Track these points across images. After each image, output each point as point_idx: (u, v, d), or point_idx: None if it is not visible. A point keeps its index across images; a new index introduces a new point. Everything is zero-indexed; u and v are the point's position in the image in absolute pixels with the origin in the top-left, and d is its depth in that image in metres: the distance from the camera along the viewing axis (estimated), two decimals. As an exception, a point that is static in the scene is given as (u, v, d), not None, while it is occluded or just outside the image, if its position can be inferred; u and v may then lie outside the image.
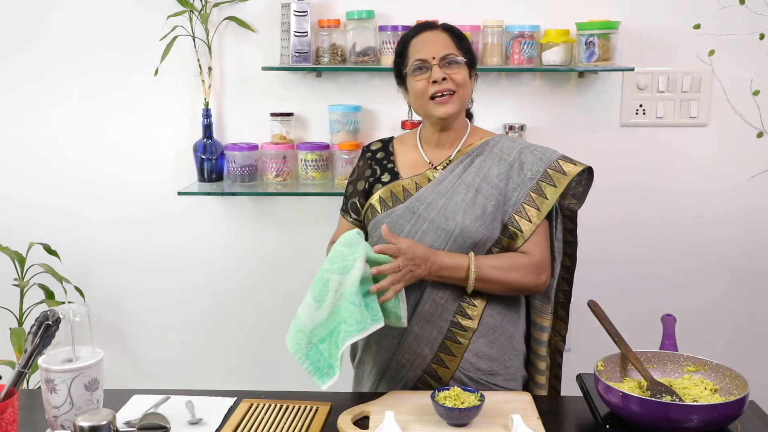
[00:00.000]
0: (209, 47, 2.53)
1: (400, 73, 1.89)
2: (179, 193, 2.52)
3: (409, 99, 1.90)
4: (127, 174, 2.67)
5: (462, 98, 1.83)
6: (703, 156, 2.59)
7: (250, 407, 1.64)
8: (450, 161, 1.88)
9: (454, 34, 1.86)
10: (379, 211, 1.86)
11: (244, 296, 2.73)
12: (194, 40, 2.52)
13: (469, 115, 2.00)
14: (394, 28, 2.43)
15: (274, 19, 2.50)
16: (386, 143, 1.99)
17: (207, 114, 2.55)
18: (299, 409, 1.63)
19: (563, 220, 1.91)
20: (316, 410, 1.62)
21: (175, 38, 2.48)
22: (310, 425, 1.55)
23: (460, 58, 1.82)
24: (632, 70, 2.43)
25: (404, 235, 1.80)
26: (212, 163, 2.57)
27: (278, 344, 2.75)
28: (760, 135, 2.55)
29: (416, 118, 1.95)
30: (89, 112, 2.63)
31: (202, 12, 2.47)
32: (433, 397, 1.54)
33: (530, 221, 1.80)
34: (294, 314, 1.67)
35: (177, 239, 2.70)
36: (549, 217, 1.85)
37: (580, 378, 1.75)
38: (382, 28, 2.46)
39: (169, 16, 2.47)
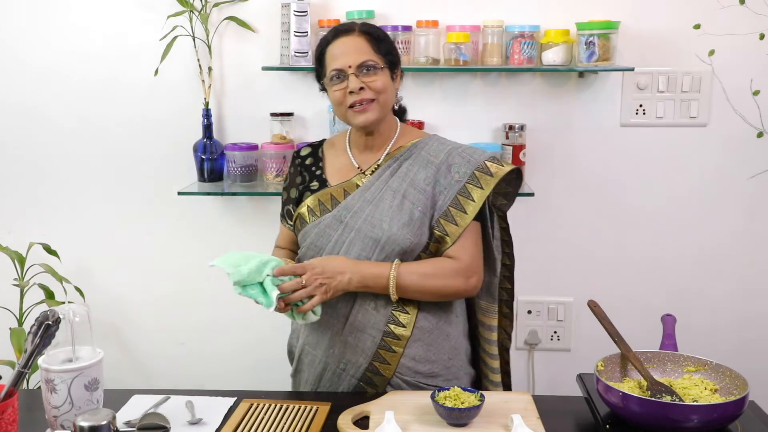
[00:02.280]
0: (209, 47, 2.53)
1: (320, 79, 1.84)
2: (179, 193, 2.52)
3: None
4: (127, 174, 2.67)
5: (383, 104, 1.76)
6: (703, 156, 2.59)
7: (250, 407, 1.64)
8: (378, 166, 1.82)
9: (372, 36, 1.77)
10: (308, 221, 1.82)
11: (244, 296, 2.72)
12: (194, 40, 2.52)
13: (402, 113, 1.93)
14: (394, 28, 2.43)
15: (274, 19, 2.49)
16: (316, 148, 1.95)
17: (207, 114, 2.55)
18: (299, 409, 1.62)
19: (498, 219, 1.86)
20: (316, 410, 1.62)
21: (175, 38, 2.48)
22: (310, 425, 1.55)
23: (379, 64, 1.74)
24: (632, 70, 2.43)
25: (331, 245, 1.77)
26: (212, 163, 2.57)
27: (278, 344, 2.77)
28: (760, 135, 2.54)
29: (340, 124, 1.88)
30: (89, 112, 2.63)
31: (202, 12, 2.47)
32: (433, 397, 1.54)
33: (456, 224, 1.75)
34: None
35: (177, 239, 2.70)
36: (482, 217, 1.80)
37: (580, 378, 1.75)
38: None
39: (169, 16, 2.47)
